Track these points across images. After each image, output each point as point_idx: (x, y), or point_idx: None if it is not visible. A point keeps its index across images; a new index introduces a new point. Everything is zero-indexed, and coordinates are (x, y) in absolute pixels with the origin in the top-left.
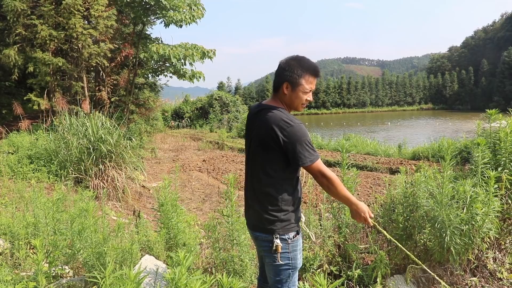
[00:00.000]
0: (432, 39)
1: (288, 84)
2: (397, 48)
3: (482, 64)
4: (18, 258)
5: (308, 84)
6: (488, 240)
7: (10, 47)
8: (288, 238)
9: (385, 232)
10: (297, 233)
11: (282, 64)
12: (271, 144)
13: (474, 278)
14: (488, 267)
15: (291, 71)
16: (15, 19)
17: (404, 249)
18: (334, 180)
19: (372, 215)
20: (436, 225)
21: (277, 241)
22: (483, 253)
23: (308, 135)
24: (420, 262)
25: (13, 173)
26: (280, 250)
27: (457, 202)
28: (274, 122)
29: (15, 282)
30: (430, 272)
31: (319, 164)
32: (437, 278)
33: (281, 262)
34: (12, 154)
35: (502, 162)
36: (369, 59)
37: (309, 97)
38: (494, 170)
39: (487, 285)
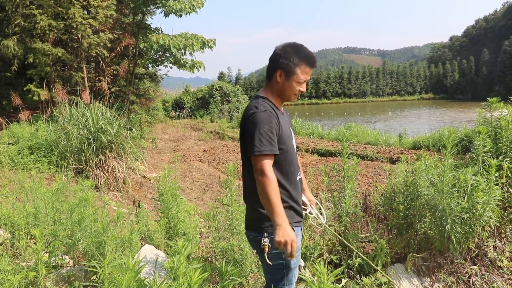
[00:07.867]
0: (433, 29)
1: (282, 72)
2: (398, 37)
3: (483, 54)
4: (19, 248)
5: (303, 75)
6: (489, 228)
7: (9, 38)
8: None
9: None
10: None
11: (278, 50)
12: (241, 135)
13: (475, 267)
14: (489, 256)
15: (287, 58)
16: (14, 9)
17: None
18: (268, 184)
19: (295, 251)
20: (436, 213)
21: (265, 240)
22: (483, 241)
23: (271, 124)
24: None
25: (14, 164)
26: (267, 250)
27: (458, 190)
28: (245, 111)
29: (16, 272)
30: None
31: (262, 160)
32: None
33: (272, 263)
34: (13, 145)
35: (503, 151)
36: (370, 49)
37: (303, 87)
38: (495, 159)
39: (487, 273)
